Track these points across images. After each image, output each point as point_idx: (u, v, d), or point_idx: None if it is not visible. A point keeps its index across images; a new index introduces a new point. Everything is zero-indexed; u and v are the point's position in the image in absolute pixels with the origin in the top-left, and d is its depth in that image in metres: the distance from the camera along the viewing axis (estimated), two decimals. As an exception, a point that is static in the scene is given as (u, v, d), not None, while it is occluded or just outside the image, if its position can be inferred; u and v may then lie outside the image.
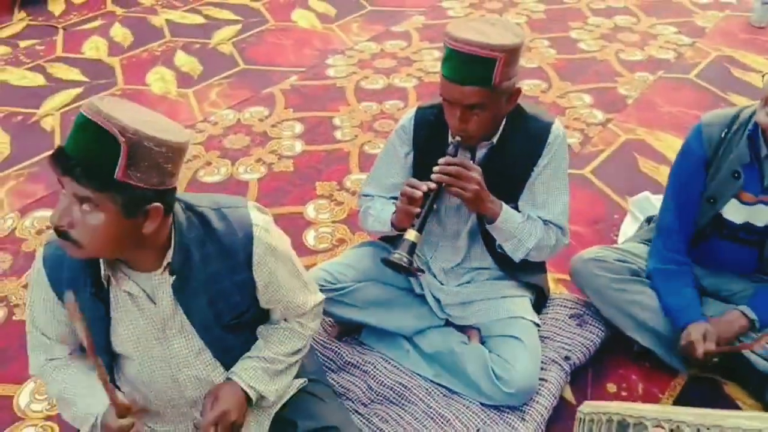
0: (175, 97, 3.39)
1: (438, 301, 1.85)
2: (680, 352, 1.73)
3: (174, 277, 1.26)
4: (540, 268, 1.88)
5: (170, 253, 1.24)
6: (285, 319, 1.46)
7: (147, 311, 1.29)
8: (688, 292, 1.75)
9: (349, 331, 1.96)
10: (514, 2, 4.31)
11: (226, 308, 1.33)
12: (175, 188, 1.20)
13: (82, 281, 1.25)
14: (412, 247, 1.50)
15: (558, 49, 3.72)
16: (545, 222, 1.68)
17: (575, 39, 3.83)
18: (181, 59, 3.72)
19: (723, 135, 1.65)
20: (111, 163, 1.06)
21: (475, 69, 1.43)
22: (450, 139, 1.63)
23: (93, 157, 1.06)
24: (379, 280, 1.83)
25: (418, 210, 1.52)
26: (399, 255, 1.49)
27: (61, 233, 1.12)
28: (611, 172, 2.71)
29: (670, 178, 1.84)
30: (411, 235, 1.51)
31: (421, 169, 1.69)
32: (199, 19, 4.20)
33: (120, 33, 4.00)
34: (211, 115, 3.22)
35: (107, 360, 1.33)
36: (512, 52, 1.44)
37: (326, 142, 2.99)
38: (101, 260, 1.23)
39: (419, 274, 1.68)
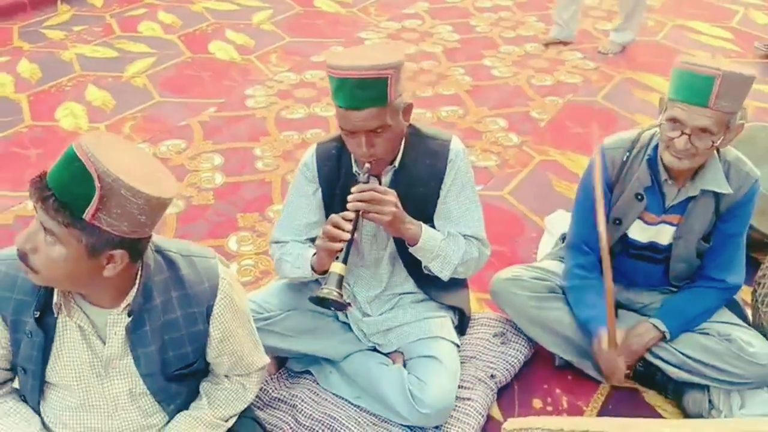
0: (86, 132, 3.26)
1: (362, 331, 1.84)
2: (595, 360, 1.79)
3: (130, 318, 1.23)
4: (462, 288, 1.91)
5: (132, 294, 1.22)
6: (226, 376, 1.45)
7: (93, 346, 1.27)
8: (601, 304, 1.81)
9: (279, 364, 1.92)
10: (429, 33, 4.43)
11: (175, 359, 1.32)
12: (148, 238, 1.18)
13: (31, 305, 1.22)
14: (340, 279, 1.47)
15: (473, 77, 3.85)
16: (465, 236, 1.71)
17: (489, 66, 3.97)
18: (93, 94, 3.60)
19: (624, 158, 1.74)
20: (83, 203, 1.05)
21: (369, 91, 1.45)
22: (355, 168, 1.65)
23: (68, 193, 1.05)
24: (306, 307, 1.80)
25: (339, 245, 1.50)
26: (328, 290, 1.45)
27: (22, 256, 1.12)
28: (527, 192, 2.80)
29: (577, 200, 1.90)
30: (336, 267, 1.48)
31: (331, 204, 1.70)
32: (111, 53, 4.08)
33: (27, 68, 3.83)
34: (126, 150, 3.11)
35: (37, 385, 1.29)
36: (399, 69, 1.47)
37: (247, 173, 2.95)
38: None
39: (348, 307, 1.65)
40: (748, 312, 1.92)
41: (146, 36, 4.34)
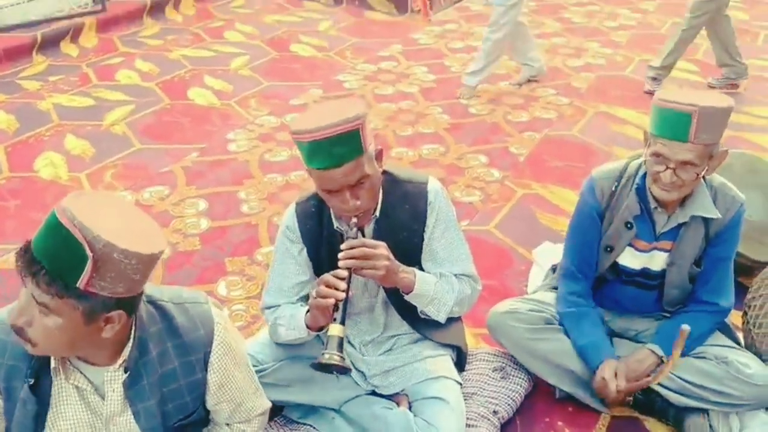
0: (66, 181, 3.22)
1: (361, 372, 1.82)
2: (596, 391, 1.79)
3: (127, 374, 1.21)
4: (457, 324, 1.90)
5: (128, 349, 1.19)
6: (227, 424, 1.42)
7: (93, 405, 1.23)
8: (597, 331, 1.83)
9: (274, 412, 1.87)
10: (405, 74, 4.52)
11: (175, 410, 1.29)
12: (141, 293, 1.16)
13: (24, 372, 1.18)
14: (340, 342, 1.44)
15: (450, 115, 3.92)
16: (455, 275, 1.71)
17: (465, 104, 4.05)
18: (72, 143, 3.57)
19: (614, 188, 1.78)
20: (76, 272, 1.02)
21: (345, 146, 1.44)
22: (336, 224, 1.64)
23: (59, 263, 1.02)
24: (300, 355, 1.77)
25: (332, 302, 1.46)
26: (329, 354, 1.41)
27: (18, 330, 1.08)
28: (513, 226, 2.83)
29: (570, 229, 1.94)
30: (335, 329, 1.45)
31: (318, 261, 1.69)
32: (89, 102, 4.07)
33: (4, 119, 3.80)
34: (108, 198, 3.08)
35: None
36: (365, 117, 1.47)
37: (233, 217, 2.94)
38: None
39: (350, 370, 1.59)
40: (739, 335, 1.94)
41: (124, 84, 4.34)
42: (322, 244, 1.68)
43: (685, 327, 1.62)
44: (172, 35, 5.25)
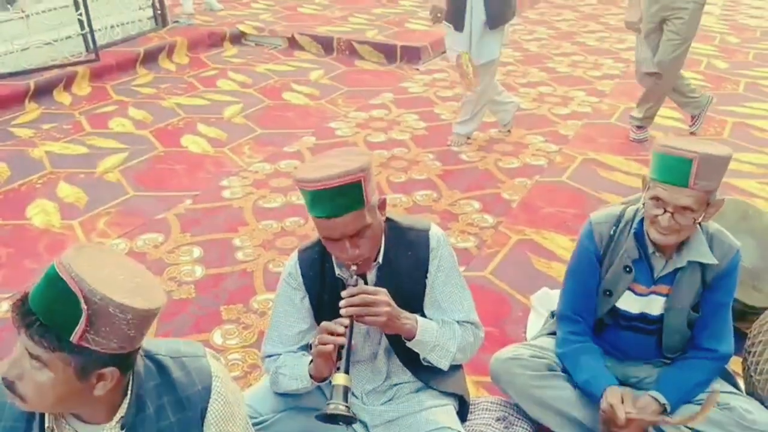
0: (59, 229, 3.20)
1: (363, 422, 1.79)
2: (602, 422, 1.76)
3: (124, 431, 1.18)
4: (458, 373, 1.89)
5: (125, 405, 1.16)
6: None
7: None
8: (598, 364, 1.83)
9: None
10: (397, 121, 4.59)
11: None
12: (137, 349, 1.14)
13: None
14: (346, 392, 1.42)
15: (442, 161, 3.97)
16: (458, 322, 1.71)
17: (456, 151, 4.11)
18: (65, 190, 3.56)
19: (612, 232, 1.81)
20: (70, 326, 1.01)
21: (346, 198, 1.45)
22: (338, 271, 1.65)
23: (54, 316, 1.01)
24: (300, 406, 1.75)
25: (332, 348, 1.46)
26: (335, 405, 1.39)
27: (8, 384, 1.06)
28: (509, 272, 2.84)
29: (568, 273, 1.95)
30: (341, 379, 1.43)
31: (320, 309, 1.68)
32: (82, 150, 4.08)
33: (-6, 167, 3.80)
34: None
35: None
36: (368, 169, 1.49)
37: (228, 264, 2.92)
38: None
39: (356, 420, 1.55)
40: (740, 381, 1.95)
41: (117, 132, 4.37)
42: (323, 292, 1.68)
43: (716, 388, 1.62)
44: (166, 84, 5.32)
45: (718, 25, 7.28)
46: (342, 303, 1.51)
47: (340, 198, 1.45)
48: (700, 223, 1.71)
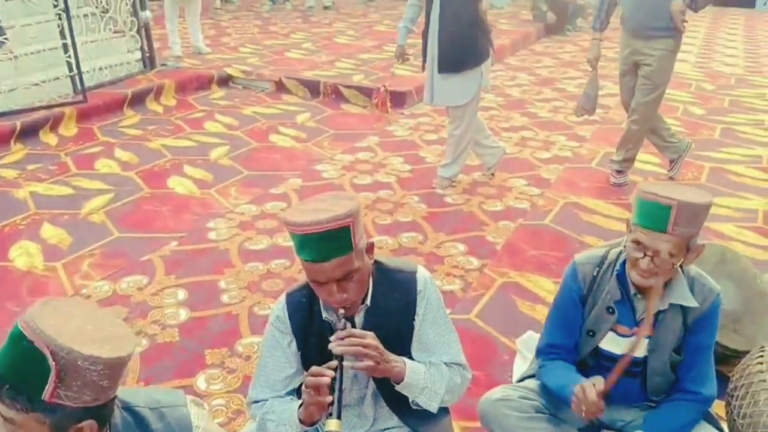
0: (42, 271, 3.17)
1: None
2: (575, 408, 1.72)
3: None
4: (445, 417, 1.88)
5: None
6: None
7: None
8: (574, 374, 1.83)
9: None
10: (382, 164, 4.65)
11: None
12: (113, 399, 1.12)
13: None
14: None
15: (427, 204, 4.02)
16: (445, 364, 1.72)
17: (441, 194, 4.16)
18: (48, 231, 3.54)
19: (595, 273, 1.85)
20: (40, 384, 0.99)
21: (334, 243, 1.47)
22: (325, 315, 1.65)
23: (22, 376, 1.00)
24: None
25: (330, 398, 1.45)
26: None
27: None
28: (494, 315, 2.86)
29: (551, 312, 1.98)
30: (333, 425, 1.42)
31: (307, 353, 1.68)
32: (67, 191, 4.07)
33: (-23, 208, 3.77)
34: (84, 288, 3.04)
35: None
36: (357, 214, 1.51)
37: (213, 307, 2.91)
38: None
39: None
40: (723, 425, 1.96)
41: (103, 173, 4.37)
42: (311, 335, 1.68)
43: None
44: (153, 125, 5.35)
45: (694, 72, 7.53)
46: (330, 346, 1.51)
47: (328, 242, 1.47)
48: (681, 267, 1.75)
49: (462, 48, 3.84)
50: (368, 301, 1.65)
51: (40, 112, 5.12)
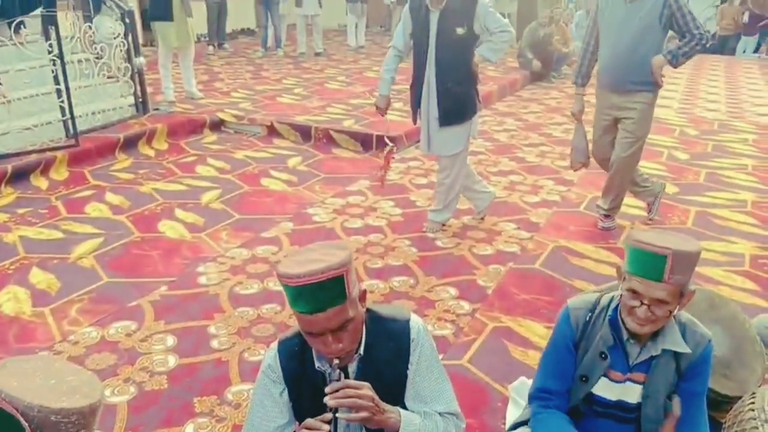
0: (29, 317, 3.13)
1: None
2: None
3: None
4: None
5: None
6: None
7: None
8: (567, 427, 1.81)
9: None
10: (373, 207, 4.69)
11: None
12: None
13: None
14: None
15: (418, 248, 4.03)
16: (440, 413, 1.71)
17: (432, 238, 4.19)
18: (37, 276, 3.51)
19: (588, 318, 1.86)
20: None
21: (329, 292, 1.47)
22: (317, 364, 1.64)
23: None
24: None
25: None
26: None
27: None
28: (487, 360, 2.85)
29: (544, 356, 1.98)
30: None
31: (299, 402, 1.67)
32: (56, 235, 4.06)
33: (-35, 252, 3.74)
34: (71, 334, 3.00)
35: None
36: (350, 263, 1.51)
37: (202, 353, 2.88)
38: None
39: None
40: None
41: (93, 217, 4.37)
42: (303, 385, 1.67)
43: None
44: (144, 169, 5.38)
45: (677, 117, 7.71)
46: (325, 399, 1.50)
47: (322, 293, 1.47)
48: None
49: (461, 101, 3.89)
50: (361, 351, 1.65)
51: (31, 156, 5.13)
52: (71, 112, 5.41)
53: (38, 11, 5.66)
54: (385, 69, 4.02)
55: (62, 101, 5.38)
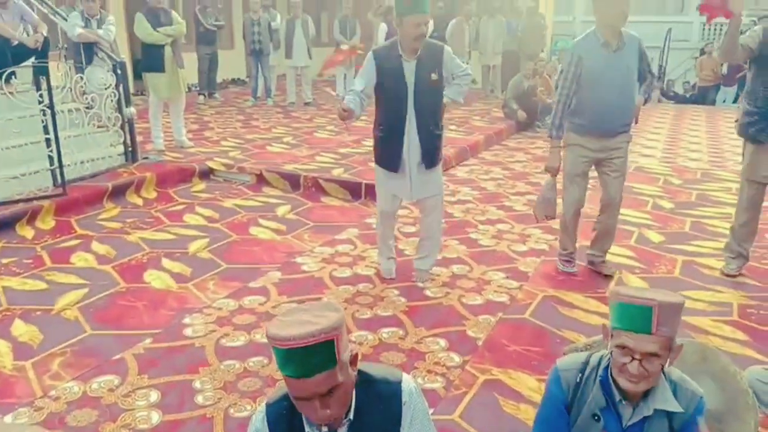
0: (10, 371, 3.06)
1: None
2: None
3: None
4: None
5: None
6: None
7: None
8: None
9: None
10: (362, 256, 4.68)
11: None
12: None
13: None
14: None
15: (407, 297, 4.01)
16: None
17: (421, 287, 4.17)
18: (19, 328, 3.44)
19: (578, 379, 1.84)
20: None
21: (318, 357, 1.45)
22: (308, 429, 1.62)
23: None
24: None
25: None
26: None
27: None
28: (478, 416, 2.80)
29: (537, 420, 1.96)
30: None
31: None
32: (41, 285, 4.00)
33: (-55, 304, 3.67)
34: (53, 389, 2.92)
35: None
36: (341, 327, 1.50)
37: (187, 409, 2.80)
38: None
39: None
40: None
41: (79, 267, 4.32)
42: None
43: None
44: (132, 218, 5.36)
45: (661, 167, 7.83)
46: None
47: (312, 357, 1.45)
48: (663, 371, 1.76)
49: (440, 142, 4.04)
50: (351, 415, 1.62)
51: (18, 205, 5.10)
52: (60, 161, 5.42)
53: (29, 62, 5.74)
54: (347, 99, 3.78)
55: (51, 150, 5.39)
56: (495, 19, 12.06)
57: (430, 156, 3.97)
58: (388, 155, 3.98)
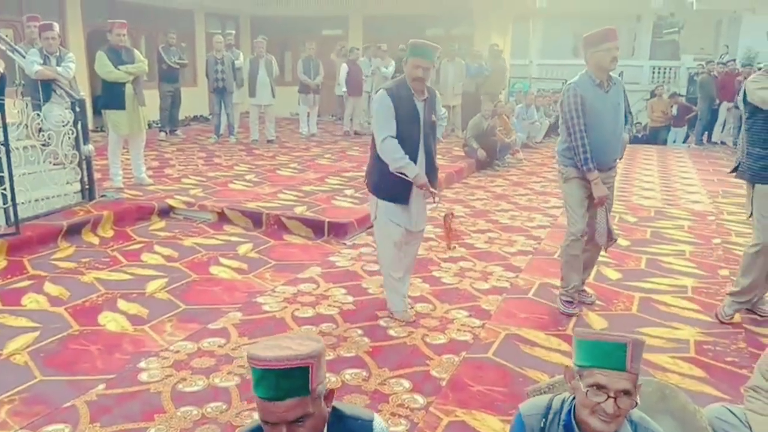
0: (-50, 422, 2.90)
1: None
2: None
3: None
4: None
5: None
6: None
7: None
8: None
9: None
10: (325, 295, 4.63)
11: None
12: None
13: None
14: None
15: (371, 337, 3.97)
16: None
17: (384, 326, 4.14)
18: (-36, 376, 3.28)
19: (542, 424, 1.85)
20: None
21: (292, 381, 1.49)
22: None
23: None
24: None
25: None
26: None
27: None
28: (442, 458, 2.77)
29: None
30: None
31: None
32: (-12, 329, 3.83)
33: None
34: (-3, 440, 2.78)
35: None
36: (320, 357, 1.55)
37: (141, 459, 2.70)
38: None
39: None
40: None
41: (29, 309, 4.16)
42: None
43: None
44: (87, 257, 5.21)
45: (616, 205, 7.99)
46: None
47: (285, 381, 1.48)
48: (622, 411, 1.77)
49: (437, 175, 4.32)
50: None
51: (-34, 245, 4.92)
52: (13, 200, 5.26)
53: (-16, 98, 5.60)
54: (401, 154, 3.95)
55: (4, 189, 5.23)
56: (454, 62, 12.38)
57: (435, 179, 4.25)
58: (402, 188, 4.10)
